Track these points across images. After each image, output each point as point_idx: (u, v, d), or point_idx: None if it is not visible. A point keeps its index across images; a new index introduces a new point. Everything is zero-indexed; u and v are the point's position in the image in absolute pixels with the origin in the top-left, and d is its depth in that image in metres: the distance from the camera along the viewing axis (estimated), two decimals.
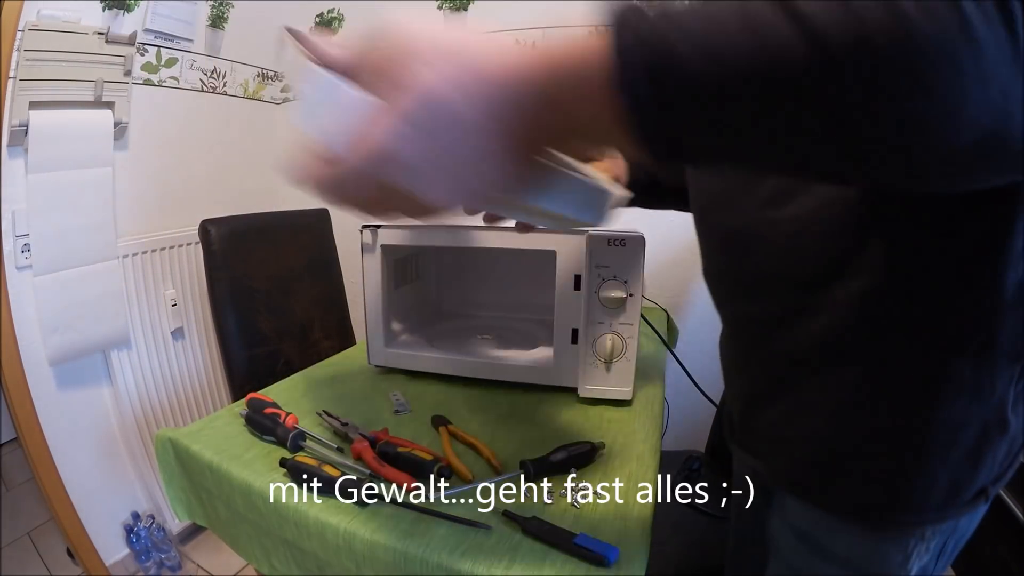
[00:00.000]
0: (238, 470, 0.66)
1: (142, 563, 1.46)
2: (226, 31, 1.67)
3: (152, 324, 1.50)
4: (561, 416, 0.81)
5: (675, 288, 1.59)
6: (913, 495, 0.41)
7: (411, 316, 1.10)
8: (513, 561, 0.50)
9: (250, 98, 1.83)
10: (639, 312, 0.81)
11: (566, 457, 0.65)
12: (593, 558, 0.49)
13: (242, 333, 1.23)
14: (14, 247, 1.20)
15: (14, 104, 1.15)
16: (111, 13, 1.32)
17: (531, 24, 1.54)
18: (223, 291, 1.21)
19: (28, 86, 1.16)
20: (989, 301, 0.37)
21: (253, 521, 0.65)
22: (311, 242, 1.47)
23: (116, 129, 1.37)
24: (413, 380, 0.95)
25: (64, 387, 1.33)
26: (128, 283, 1.42)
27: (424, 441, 0.71)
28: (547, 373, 0.88)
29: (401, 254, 1.04)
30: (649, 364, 1.01)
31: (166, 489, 0.76)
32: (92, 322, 1.32)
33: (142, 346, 1.47)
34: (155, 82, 1.48)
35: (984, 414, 0.40)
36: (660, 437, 0.76)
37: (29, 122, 1.17)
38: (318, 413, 0.79)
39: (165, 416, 1.54)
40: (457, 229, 0.92)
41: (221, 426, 0.77)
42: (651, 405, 0.84)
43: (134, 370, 1.45)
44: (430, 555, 0.51)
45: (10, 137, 1.16)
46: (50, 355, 1.27)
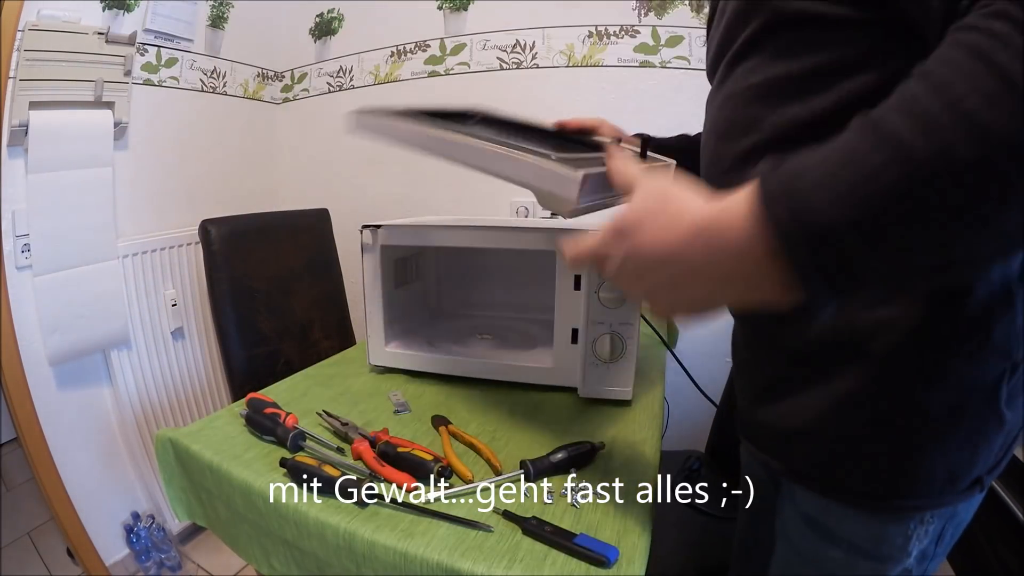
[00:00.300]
0: (238, 470, 0.66)
1: (142, 563, 1.46)
2: (226, 31, 1.67)
3: (152, 324, 1.50)
4: (561, 416, 0.81)
5: None
6: (913, 483, 0.43)
7: (411, 316, 1.10)
8: (513, 561, 0.50)
9: (250, 98, 1.83)
10: (639, 312, 0.81)
11: (566, 457, 0.65)
12: (593, 558, 0.49)
13: (242, 333, 1.23)
14: (14, 247, 1.20)
15: (14, 104, 1.15)
16: (111, 13, 1.32)
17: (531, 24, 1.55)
18: (223, 291, 1.21)
19: (28, 86, 1.16)
20: (980, 301, 0.39)
21: (253, 521, 0.65)
22: (311, 242, 1.47)
23: (116, 129, 1.37)
24: (413, 380, 0.95)
25: (64, 387, 1.33)
26: (128, 283, 1.42)
27: (424, 441, 0.71)
28: (547, 373, 0.88)
29: (401, 254, 1.04)
30: (649, 364, 1.01)
31: (166, 489, 0.76)
32: (92, 322, 1.32)
33: (142, 346, 1.47)
34: (155, 82, 1.49)
35: (980, 409, 0.42)
36: (660, 437, 0.76)
37: (29, 122, 1.17)
38: (318, 413, 0.79)
39: (165, 416, 1.54)
40: (457, 229, 0.92)
41: (221, 426, 0.77)
42: (651, 405, 0.84)
43: (134, 370, 1.45)
44: (430, 555, 0.51)
45: (10, 137, 1.16)
46: (50, 355, 1.27)
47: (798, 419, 0.47)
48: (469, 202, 1.67)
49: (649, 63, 1.47)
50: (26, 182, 1.20)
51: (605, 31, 1.49)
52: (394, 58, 1.72)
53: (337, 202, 1.63)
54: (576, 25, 1.51)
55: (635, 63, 1.48)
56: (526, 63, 1.57)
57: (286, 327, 1.33)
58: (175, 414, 1.57)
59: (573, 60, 1.52)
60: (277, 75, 1.91)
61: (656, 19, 1.44)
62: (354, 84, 1.80)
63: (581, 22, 1.50)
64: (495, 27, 1.58)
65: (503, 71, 1.60)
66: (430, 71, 1.68)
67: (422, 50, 1.68)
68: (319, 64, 1.85)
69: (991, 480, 0.45)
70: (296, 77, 1.90)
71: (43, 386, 1.28)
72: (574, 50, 1.52)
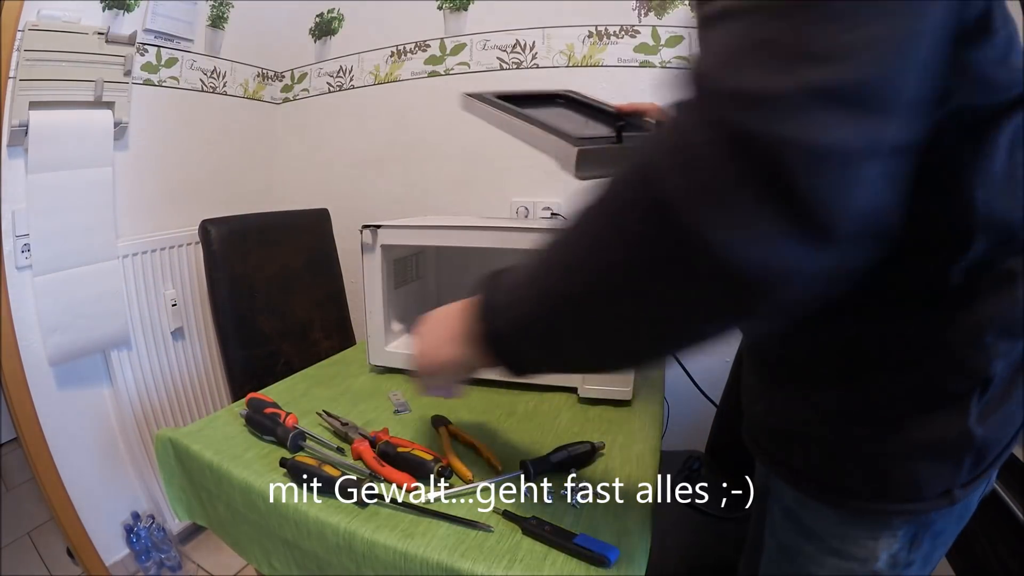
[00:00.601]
0: (238, 470, 0.66)
1: (142, 563, 1.46)
2: (226, 31, 1.67)
3: (152, 324, 1.49)
4: (561, 416, 0.81)
5: None
6: (874, 487, 0.44)
7: (411, 316, 1.10)
8: (513, 561, 0.50)
9: (250, 98, 1.83)
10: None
11: (566, 457, 0.65)
12: (593, 558, 0.50)
13: (242, 333, 1.23)
14: (14, 247, 1.20)
15: (14, 104, 1.15)
16: (111, 13, 1.31)
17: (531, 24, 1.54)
18: (223, 291, 1.21)
19: (28, 86, 1.16)
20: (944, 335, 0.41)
21: (253, 521, 0.65)
22: (311, 242, 1.47)
23: (116, 129, 1.36)
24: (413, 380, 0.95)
25: (64, 387, 1.33)
26: (128, 283, 1.42)
27: (424, 441, 0.72)
28: None
29: (401, 254, 1.04)
30: None
31: (166, 489, 0.76)
32: (92, 322, 1.32)
33: (142, 346, 1.47)
34: (155, 82, 1.48)
35: (944, 424, 0.42)
36: (660, 437, 0.76)
37: (29, 122, 1.17)
38: (318, 413, 0.79)
39: (165, 416, 1.54)
40: (457, 229, 0.92)
41: (221, 426, 0.77)
42: (651, 405, 0.84)
43: (134, 370, 1.45)
44: (430, 555, 0.51)
45: (10, 137, 1.16)
46: (50, 355, 1.27)
47: (775, 418, 0.51)
48: (469, 202, 1.67)
49: (649, 63, 1.46)
50: (26, 182, 1.20)
51: (605, 31, 1.49)
52: (394, 58, 1.72)
53: (337, 202, 1.63)
54: (576, 25, 1.50)
55: (635, 63, 1.47)
56: (526, 63, 1.57)
57: (286, 327, 1.33)
58: (175, 414, 1.57)
59: (573, 60, 1.52)
60: (277, 75, 1.91)
61: (656, 19, 1.44)
62: (354, 84, 1.80)
63: (581, 22, 1.50)
64: (495, 27, 1.58)
65: (503, 71, 1.60)
66: (430, 71, 1.68)
67: (422, 50, 1.68)
68: (319, 64, 1.85)
69: (965, 495, 0.44)
70: (296, 77, 1.90)
71: (43, 386, 1.28)
72: (574, 50, 1.52)
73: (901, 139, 0.28)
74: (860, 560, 0.47)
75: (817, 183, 0.26)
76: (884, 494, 0.44)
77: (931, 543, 0.47)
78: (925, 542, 0.46)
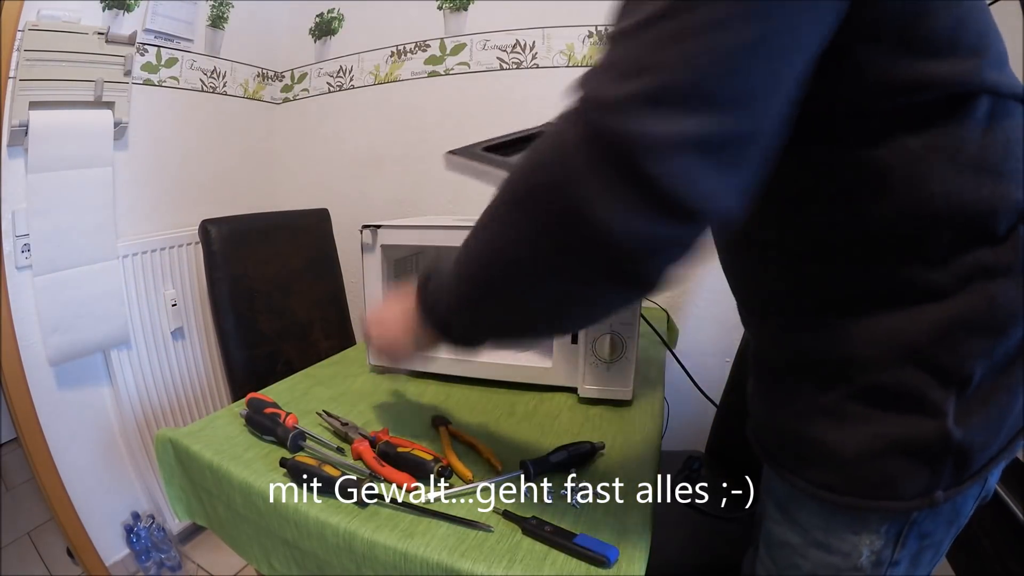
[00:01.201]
0: (238, 470, 0.66)
1: (142, 563, 1.46)
2: (226, 31, 1.67)
3: (152, 324, 1.49)
4: (561, 416, 0.81)
5: (675, 288, 1.59)
6: (848, 482, 0.45)
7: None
8: (513, 561, 0.50)
9: (250, 98, 1.83)
10: (639, 312, 0.81)
11: (566, 457, 0.65)
12: (593, 558, 0.49)
13: (242, 333, 1.23)
14: (14, 247, 1.20)
15: (14, 104, 1.15)
16: (111, 13, 1.32)
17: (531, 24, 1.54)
18: (223, 291, 1.21)
19: (28, 86, 1.16)
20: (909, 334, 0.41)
21: (253, 521, 0.65)
22: (311, 242, 1.47)
23: (116, 129, 1.36)
24: (413, 380, 0.95)
25: (64, 387, 1.33)
26: (128, 283, 1.42)
27: (424, 441, 0.71)
28: (547, 373, 0.88)
29: (401, 254, 1.04)
30: (649, 364, 1.01)
31: (166, 489, 0.76)
32: (92, 322, 1.32)
33: (142, 346, 1.47)
34: (155, 82, 1.48)
35: (917, 423, 0.42)
36: (660, 437, 0.76)
37: (29, 122, 1.17)
38: (318, 413, 0.79)
39: (165, 416, 1.54)
40: (457, 229, 0.92)
41: (221, 426, 0.77)
42: (651, 405, 0.84)
43: (134, 370, 1.45)
44: (430, 555, 0.51)
45: (10, 137, 1.16)
46: (50, 355, 1.27)
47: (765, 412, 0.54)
48: (469, 202, 1.67)
49: None
50: (26, 182, 1.20)
51: (605, 31, 1.49)
52: (394, 58, 1.72)
53: (337, 202, 1.63)
54: (576, 25, 1.50)
55: None
56: (526, 63, 1.57)
57: (286, 327, 1.33)
58: (175, 414, 1.57)
59: (573, 60, 1.52)
60: (277, 75, 1.91)
61: None
62: (354, 84, 1.80)
63: (581, 22, 1.50)
64: (495, 27, 1.58)
65: (503, 71, 1.60)
66: (430, 71, 1.68)
67: (422, 50, 1.68)
68: (319, 64, 1.85)
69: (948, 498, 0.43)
70: (296, 77, 1.90)
71: (43, 386, 1.28)
72: (574, 50, 1.52)
73: (727, 132, 0.33)
74: (843, 554, 0.47)
75: (653, 167, 0.32)
76: (857, 490, 0.45)
77: (918, 544, 0.46)
78: (911, 542, 0.46)
